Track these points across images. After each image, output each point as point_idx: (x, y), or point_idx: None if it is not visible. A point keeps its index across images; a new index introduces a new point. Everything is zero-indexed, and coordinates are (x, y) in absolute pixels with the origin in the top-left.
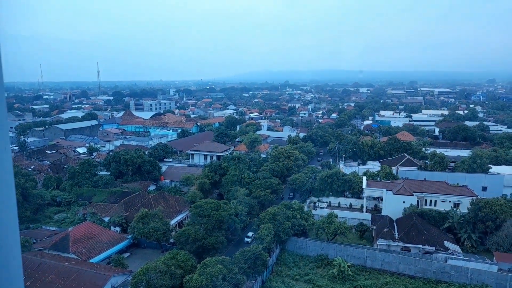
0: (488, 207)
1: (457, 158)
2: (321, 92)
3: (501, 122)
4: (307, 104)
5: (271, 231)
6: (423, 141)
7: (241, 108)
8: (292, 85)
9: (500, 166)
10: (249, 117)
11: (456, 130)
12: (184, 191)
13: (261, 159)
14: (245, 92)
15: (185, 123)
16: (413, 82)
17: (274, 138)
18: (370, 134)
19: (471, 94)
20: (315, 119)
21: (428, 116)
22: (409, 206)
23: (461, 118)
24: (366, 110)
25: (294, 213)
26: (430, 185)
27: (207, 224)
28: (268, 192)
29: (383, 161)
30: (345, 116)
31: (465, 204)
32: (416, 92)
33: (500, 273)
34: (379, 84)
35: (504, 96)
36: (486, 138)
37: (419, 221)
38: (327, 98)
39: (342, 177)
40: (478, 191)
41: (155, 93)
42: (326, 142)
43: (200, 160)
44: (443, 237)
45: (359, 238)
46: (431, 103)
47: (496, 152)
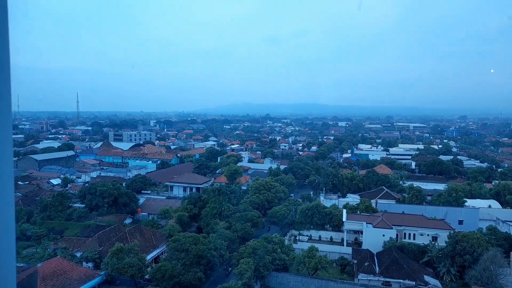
0: (465, 240)
1: (433, 192)
2: (301, 125)
3: (473, 156)
4: (288, 137)
5: (251, 266)
6: (401, 175)
7: (222, 140)
8: (273, 118)
9: (475, 200)
10: (230, 148)
11: (432, 164)
12: (162, 224)
13: (242, 191)
14: (227, 124)
15: (165, 154)
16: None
17: (255, 170)
18: (349, 167)
19: (444, 130)
20: (295, 152)
21: (405, 150)
22: (389, 239)
23: (436, 152)
24: (345, 143)
25: (274, 247)
26: (408, 218)
27: (185, 259)
28: (248, 225)
29: (362, 194)
30: (324, 149)
31: (443, 238)
32: (393, 127)
33: None
34: (357, 118)
35: (475, 131)
36: (460, 172)
37: (399, 255)
38: (307, 131)
39: (323, 210)
40: (455, 224)
41: (136, 124)
42: (307, 175)
43: (180, 192)
44: (423, 271)
45: (340, 272)
46: (407, 137)
47: (471, 186)
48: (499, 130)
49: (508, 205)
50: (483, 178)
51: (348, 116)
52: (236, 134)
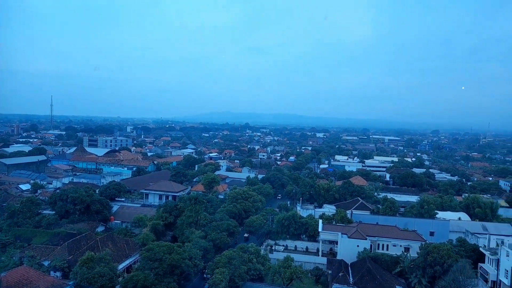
0: (436, 252)
1: (406, 203)
2: (280, 135)
3: (445, 170)
4: (266, 146)
5: (226, 276)
6: (375, 186)
7: (201, 148)
8: (252, 127)
9: (446, 212)
10: (208, 156)
11: (405, 176)
12: (136, 233)
13: (219, 200)
14: (205, 132)
15: (141, 161)
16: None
17: (232, 178)
18: (326, 177)
19: (417, 143)
20: (273, 161)
21: (380, 162)
22: (363, 250)
23: (409, 165)
24: (322, 154)
25: (250, 256)
26: (382, 229)
27: (159, 269)
28: (224, 234)
29: (338, 205)
30: (302, 159)
31: (415, 249)
32: (369, 139)
33: None
34: (335, 130)
35: (447, 146)
36: (432, 185)
37: (373, 265)
38: (285, 141)
39: (299, 220)
40: (426, 235)
41: (112, 130)
42: (284, 184)
43: (155, 200)
44: (395, 281)
45: (314, 283)
46: (382, 150)
47: (442, 199)
48: (469, 145)
49: (477, 218)
50: (453, 191)
51: (326, 127)
52: (215, 142)
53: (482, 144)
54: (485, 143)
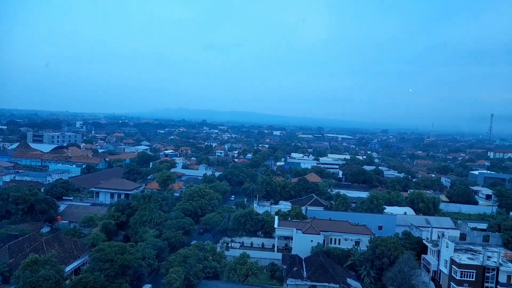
0: (384, 244)
1: (357, 199)
2: (237, 133)
3: (393, 167)
4: (224, 144)
5: (181, 275)
6: (329, 183)
7: (156, 145)
8: (210, 124)
9: (393, 207)
10: (164, 154)
11: (357, 173)
12: (85, 233)
13: (174, 198)
14: (161, 128)
15: (91, 158)
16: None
17: (189, 176)
18: (282, 174)
19: (368, 142)
20: (231, 159)
21: (333, 160)
22: (317, 245)
23: (361, 162)
24: (279, 152)
25: (206, 254)
26: (335, 224)
27: (110, 270)
28: (179, 233)
29: (293, 201)
30: (259, 157)
31: (364, 242)
32: (323, 137)
33: None
34: (291, 128)
35: (395, 144)
36: (381, 181)
37: (325, 259)
38: (243, 139)
39: (256, 217)
40: (375, 230)
41: (59, 125)
42: (241, 182)
43: (106, 198)
44: (346, 274)
45: (270, 278)
46: (335, 148)
47: (390, 194)
48: (414, 144)
49: (421, 212)
50: (400, 187)
51: (283, 125)
52: (171, 139)
53: (426, 143)
54: (429, 142)
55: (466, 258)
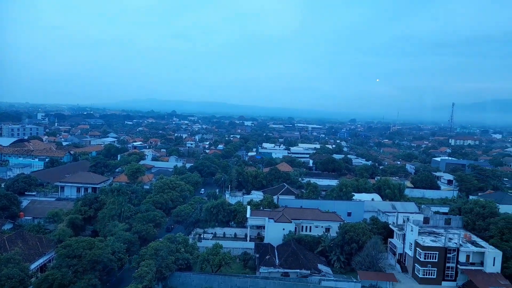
0: (353, 230)
1: (327, 187)
2: (208, 123)
3: (361, 155)
4: (195, 135)
5: (153, 268)
6: (300, 172)
7: (124, 137)
8: (179, 115)
9: (361, 194)
10: (132, 146)
11: (326, 162)
12: (50, 229)
13: (144, 190)
14: (128, 120)
15: (55, 152)
16: (291, 118)
17: (159, 168)
18: (254, 165)
19: (337, 131)
20: (202, 150)
21: (304, 149)
22: (288, 233)
23: (330, 151)
24: (251, 142)
25: (178, 246)
26: (306, 212)
27: (78, 265)
28: (150, 225)
29: (265, 190)
30: (231, 148)
31: (334, 229)
32: (294, 127)
33: None
34: (262, 118)
35: (362, 133)
36: (350, 169)
37: (297, 246)
38: (214, 130)
39: (228, 207)
40: (344, 216)
41: (19, 117)
42: (213, 173)
43: (72, 193)
44: (317, 260)
45: (243, 267)
46: (306, 137)
47: (358, 182)
48: (381, 133)
49: (387, 198)
50: (368, 174)
51: (254, 116)
52: (139, 130)
53: (392, 131)
54: (395, 131)
55: (430, 240)
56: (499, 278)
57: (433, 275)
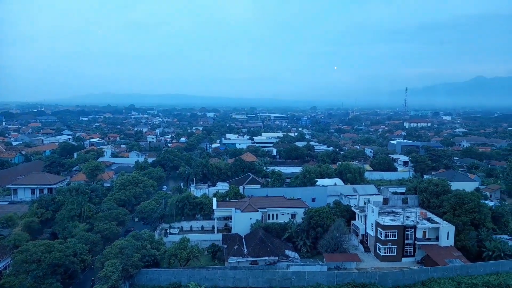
0: (317, 215)
1: (291, 174)
2: (169, 116)
3: (322, 142)
4: (155, 128)
5: (118, 267)
6: (264, 161)
7: (79, 133)
8: (138, 109)
9: (324, 179)
10: (89, 143)
11: (290, 150)
12: (4, 234)
13: (105, 188)
14: (84, 115)
15: (4, 152)
16: (253, 108)
17: (119, 164)
18: (218, 156)
19: (299, 119)
20: (164, 143)
21: (267, 139)
22: (255, 221)
23: (293, 139)
24: (214, 133)
25: (144, 243)
26: (271, 201)
27: (37, 270)
28: (113, 224)
29: (231, 181)
30: (194, 140)
31: (300, 215)
32: (256, 117)
33: (329, 272)
34: (225, 109)
35: (323, 120)
36: (312, 156)
37: (264, 234)
38: (175, 122)
39: (194, 200)
40: (309, 202)
41: None
42: (176, 166)
43: (26, 195)
44: (285, 246)
45: (211, 259)
46: (269, 127)
47: (320, 168)
48: (341, 119)
49: (349, 182)
50: (329, 160)
51: (216, 107)
52: (96, 126)
53: (351, 117)
54: (353, 117)
55: (389, 220)
56: (453, 250)
57: (394, 252)
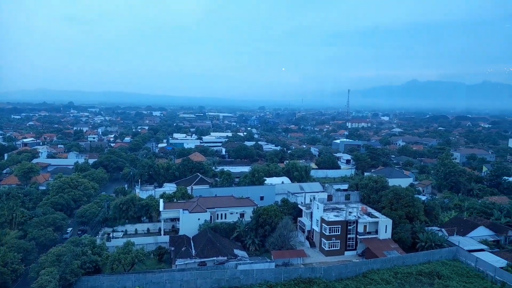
0: (266, 213)
1: (240, 174)
2: (112, 115)
3: (270, 141)
4: (97, 128)
5: (55, 275)
6: (213, 161)
7: (10, 133)
8: (78, 107)
9: (272, 178)
10: (22, 143)
11: (239, 149)
12: None
13: (40, 192)
14: (16, 113)
15: None
16: (202, 107)
17: (56, 166)
18: (165, 156)
19: (248, 119)
20: (106, 143)
21: (216, 138)
22: (204, 222)
23: (242, 139)
24: (161, 133)
25: (84, 249)
26: (220, 200)
27: None
28: (50, 230)
29: (178, 182)
30: (139, 140)
31: (248, 214)
32: (205, 116)
33: (277, 268)
34: (172, 108)
35: (271, 120)
36: (261, 155)
37: (213, 235)
38: (119, 121)
39: (139, 202)
40: (257, 200)
41: None
42: (120, 167)
43: None
44: (233, 246)
45: (158, 262)
46: (217, 126)
47: (269, 167)
48: (288, 119)
49: (296, 180)
50: (277, 159)
51: (163, 105)
52: (30, 125)
53: (297, 117)
54: (300, 117)
55: (333, 216)
56: (390, 243)
57: (337, 247)
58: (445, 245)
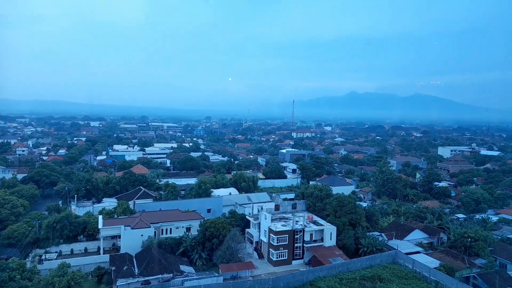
0: (213, 226)
1: (186, 186)
2: (44, 126)
3: (217, 152)
4: (27, 139)
5: None
6: (157, 173)
7: None
8: (5, 117)
9: (219, 189)
10: None
11: (184, 160)
12: None
13: None
14: None
15: None
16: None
17: None
18: (104, 169)
19: (193, 129)
20: (38, 157)
21: (160, 149)
22: (147, 238)
23: (188, 150)
24: (99, 144)
25: (12, 274)
26: (165, 215)
27: None
28: None
29: (119, 197)
30: (75, 152)
31: (195, 227)
32: (148, 127)
33: (225, 283)
34: (111, 118)
35: (218, 130)
36: (208, 166)
37: (157, 251)
38: (52, 132)
39: (75, 220)
40: (204, 213)
41: None
42: (54, 182)
43: None
44: (179, 261)
45: (97, 284)
46: (161, 137)
47: (216, 178)
48: (235, 129)
49: (243, 191)
50: (224, 170)
51: (102, 115)
52: None
53: (244, 127)
54: (247, 127)
55: (280, 225)
56: (335, 250)
57: (285, 256)
58: (385, 249)
